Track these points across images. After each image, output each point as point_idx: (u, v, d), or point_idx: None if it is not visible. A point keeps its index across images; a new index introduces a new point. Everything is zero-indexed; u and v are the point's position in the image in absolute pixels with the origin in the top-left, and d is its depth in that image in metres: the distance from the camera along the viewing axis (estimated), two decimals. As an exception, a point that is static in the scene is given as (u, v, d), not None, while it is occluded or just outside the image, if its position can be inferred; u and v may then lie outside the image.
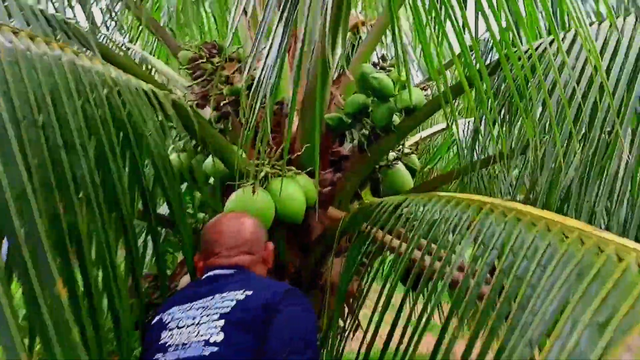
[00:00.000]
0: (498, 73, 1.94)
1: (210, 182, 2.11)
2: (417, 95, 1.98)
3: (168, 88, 1.96)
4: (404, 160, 2.28)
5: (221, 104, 1.98)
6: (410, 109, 1.96)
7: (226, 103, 1.98)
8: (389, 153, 2.21)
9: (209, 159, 1.96)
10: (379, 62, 2.23)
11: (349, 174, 2.06)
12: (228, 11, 3.24)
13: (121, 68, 1.53)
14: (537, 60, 1.49)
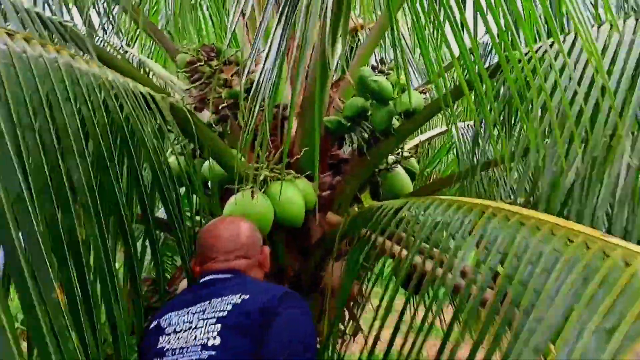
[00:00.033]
0: (498, 76, 1.94)
1: (208, 186, 2.09)
2: (417, 98, 1.97)
3: (166, 91, 1.95)
4: (404, 163, 2.27)
5: (220, 107, 1.97)
6: (410, 112, 1.95)
7: (225, 106, 1.97)
8: (389, 156, 2.20)
9: (207, 162, 1.94)
10: (377, 66, 2.23)
11: (349, 177, 2.05)
12: (226, 13, 3.23)
13: (118, 71, 1.51)
14: (537, 62, 1.48)
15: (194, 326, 1.22)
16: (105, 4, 2.60)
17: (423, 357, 1.06)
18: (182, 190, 2.26)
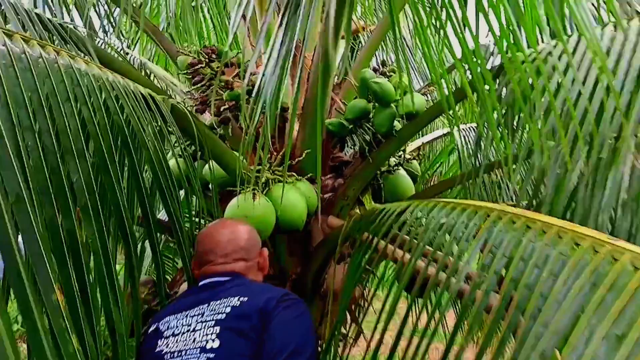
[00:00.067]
0: (500, 78, 1.92)
1: (209, 188, 2.08)
2: (419, 100, 1.96)
3: (167, 93, 1.94)
4: (406, 166, 2.26)
5: (221, 109, 1.96)
6: (412, 114, 1.94)
7: (226, 108, 1.96)
8: (390, 159, 2.19)
9: (208, 165, 1.93)
10: (379, 68, 2.22)
11: (350, 179, 2.04)
12: (227, 15, 3.23)
13: (119, 73, 1.50)
14: (542, 62, 1.47)
15: (192, 329, 1.22)
16: (106, 5, 2.60)
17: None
18: (182, 192, 2.25)
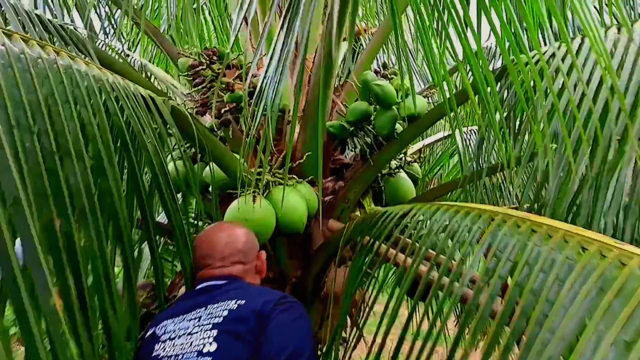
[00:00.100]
0: (503, 80, 1.91)
1: (209, 191, 2.07)
2: (421, 103, 1.95)
3: (167, 95, 1.92)
4: (407, 168, 2.25)
5: (222, 111, 1.95)
6: (414, 116, 1.93)
7: (227, 110, 1.94)
8: (392, 161, 2.18)
9: (209, 167, 1.92)
10: (380, 70, 2.21)
11: (351, 182, 2.02)
12: (228, 17, 3.22)
13: (119, 74, 1.49)
14: (545, 64, 1.45)
15: (189, 332, 1.21)
16: (106, 7, 2.59)
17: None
18: (179, 195, 2.24)
